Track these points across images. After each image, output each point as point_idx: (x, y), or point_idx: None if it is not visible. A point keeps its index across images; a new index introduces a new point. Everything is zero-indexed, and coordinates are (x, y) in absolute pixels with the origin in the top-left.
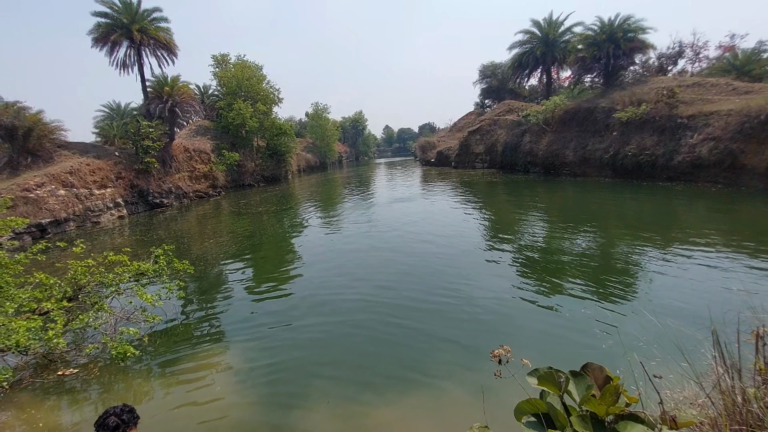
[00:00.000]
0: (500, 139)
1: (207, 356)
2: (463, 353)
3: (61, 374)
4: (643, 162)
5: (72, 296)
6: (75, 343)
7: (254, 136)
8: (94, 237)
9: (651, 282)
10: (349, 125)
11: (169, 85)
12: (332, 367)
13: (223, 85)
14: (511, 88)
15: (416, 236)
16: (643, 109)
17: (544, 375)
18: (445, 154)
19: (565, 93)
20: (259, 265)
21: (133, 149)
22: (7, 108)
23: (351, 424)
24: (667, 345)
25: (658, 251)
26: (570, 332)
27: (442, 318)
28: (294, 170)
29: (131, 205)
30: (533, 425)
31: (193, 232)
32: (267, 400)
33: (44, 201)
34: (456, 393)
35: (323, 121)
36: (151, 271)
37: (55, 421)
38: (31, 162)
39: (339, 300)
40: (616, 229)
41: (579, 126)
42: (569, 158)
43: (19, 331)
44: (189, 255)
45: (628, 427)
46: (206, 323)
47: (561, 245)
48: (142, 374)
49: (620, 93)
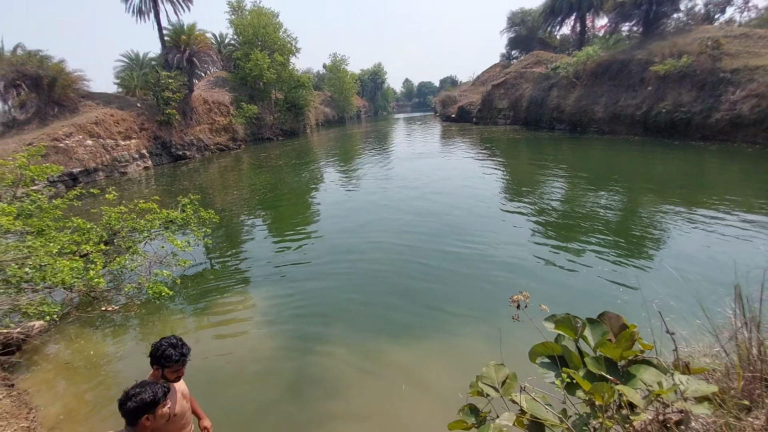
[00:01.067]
0: (525, 93)
1: (234, 297)
2: (480, 301)
3: (105, 309)
4: (677, 119)
5: (108, 240)
6: (114, 282)
7: (272, 89)
8: (123, 187)
9: (675, 241)
10: (368, 78)
11: (185, 33)
12: (351, 310)
13: (240, 34)
14: (540, 38)
15: (433, 191)
16: (683, 61)
17: (561, 320)
18: (467, 110)
19: (600, 43)
20: (280, 215)
21: (154, 100)
22: (30, 57)
23: (368, 365)
24: (687, 300)
25: (686, 211)
26: (588, 285)
27: (460, 268)
28: (312, 124)
29: (155, 157)
30: (547, 366)
31: (216, 183)
32: (289, 339)
33: (74, 151)
34: (472, 337)
35: (342, 74)
36: (179, 219)
37: (102, 350)
38: (58, 112)
39: (358, 248)
40: (643, 188)
41: (611, 80)
42: (598, 115)
43: (63, 270)
44: (213, 205)
45: (641, 370)
46: (232, 267)
47: (584, 203)
48: (176, 312)
49: (660, 44)
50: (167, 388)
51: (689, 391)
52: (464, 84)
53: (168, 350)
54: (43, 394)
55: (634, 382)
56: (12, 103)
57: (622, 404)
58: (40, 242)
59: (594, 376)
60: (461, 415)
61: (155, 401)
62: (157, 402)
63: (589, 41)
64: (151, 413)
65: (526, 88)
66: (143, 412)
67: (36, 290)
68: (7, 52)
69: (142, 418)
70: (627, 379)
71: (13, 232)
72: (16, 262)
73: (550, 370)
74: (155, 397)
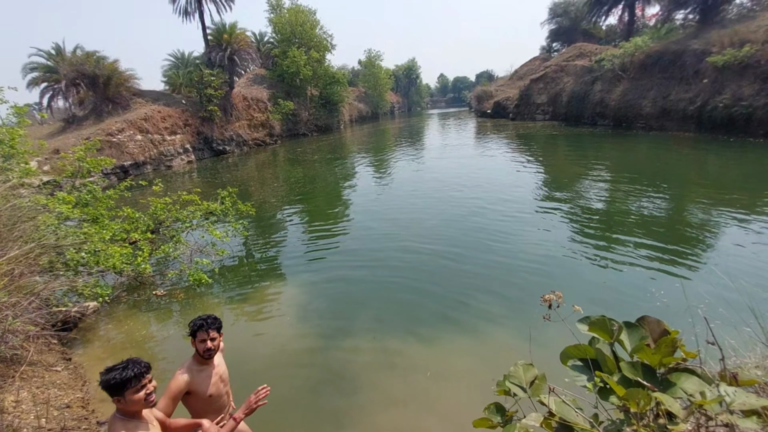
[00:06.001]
0: (566, 87)
1: (268, 288)
2: (510, 298)
3: (155, 294)
4: (736, 114)
5: (154, 229)
6: (159, 269)
7: (308, 85)
8: (168, 179)
9: (728, 246)
10: (402, 74)
11: (227, 32)
12: (380, 305)
13: (278, 32)
14: (584, 29)
15: (465, 188)
16: (746, 51)
17: (596, 322)
18: (503, 105)
19: (650, 33)
20: (314, 209)
21: (197, 97)
22: (88, 57)
23: (394, 359)
24: (738, 307)
25: (744, 215)
26: (627, 288)
27: (492, 265)
28: (346, 120)
29: (198, 151)
30: (579, 369)
31: (254, 177)
32: (320, 330)
33: (125, 145)
34: (501, 336)
35: (376, 69)
36: (218, 210)
37: (147, 331)
38: (112, 109)
39: (390, 242)
40: (695, 189)
41: (662, 72)
42: (646, 110)
43: (114, 255)
44: (250, 198)
45: (682, 378)
46: (267, 259)
47: (626, 201)
48: (214, 300)
49: (719, 32)
50: (140, 371)
51: (736, 403)
52: (501, 78)
53: (197, 321)
54: (95, 369)
55: (674, 391)
56: (72, 100)
57: (660, 413)
58: (94, 229)
59: (629, 381)
60: (486, 413)
61: (119, 382)
62: (118, 384)
63: (638, 31)
64: (118, 395)
65: (567, 82)
66: (110, 392)
67: (90, 273)
68: (68, 52)
69: (114, 398)
70: (666, 387)
71: (71, 220)
72: (74, 247)
73: (582, 374)
74: (118, 379)
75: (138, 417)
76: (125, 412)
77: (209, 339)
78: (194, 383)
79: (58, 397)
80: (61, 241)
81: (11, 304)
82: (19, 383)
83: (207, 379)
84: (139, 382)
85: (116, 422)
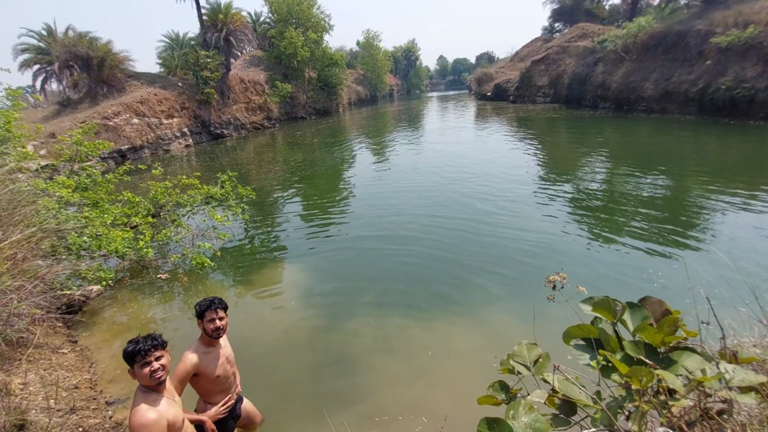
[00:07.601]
0: (568, 69)
1: (269, 270)
2: (514, 279)
3: (159, 277)
4: (738, 97)
5: (155, 213)
6: (161, 253)
7: (306, 67)
8: (167, 163)
9: (728, 228)
10: (401, 55)
11: (222, 12)
12: (380, 286)
13: (275, 12)
14: (587, 9)
15: (466, 171)
16: (750, 31)
17: (599, 302)
18: (503, 87)
19: (654, 13)
20: (314, 192)
21: (194, 80)
22: (81, 38)
23: (395, 341)
24: (738, 287)
25: (745, 198)
26: (630, 269)
27: (494, 246)
28: (345, 103)
29: (196, 135)
30: (582, 348)
31: (253, 161)
32: (321, 314)
33: (122, 129)
34: (503, 317)
35: (374, 51)
36: (218, 194)
37: (151, 314)
38: (107, 92)
39: (391, 224)
40: (695, 171)
41: (665, 53)
42: (648, 92)
43: (116, 239)
44: (250, 182)
45: (683, 356)
46: (268, 242)
47: (628, 185)
48: (217, 283)
49: (723, 13)
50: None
51: (735, 380)
52: (502, 60)
53: (204, 301)
54: (102, 351)
55: (675, 368)
56: (66, 83)
57: (661, 390)
58: (95, 213)
59: (632, 360)
60: (491, 390)
61: (132, 353)
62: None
63: (642, 11)
64: (131, 367)
65: (569, 64)
66: (126, 362)
67: (93, 257)
68: (59, 33)
69: (128, 370)
70: (667, 365)
71: (72, 204)
72: (75, 231)
73: (585, 353)
74: (129, 351)
75: (158, 391)
76: (143, 385)
77: (218, 318)
78: (202, 365)
79: (66, 378)
80: (62, 226)
81: (15, 288)
82: (26, 366)
83: (214, 360)
84: (144, 358)
85: (138, 394)
